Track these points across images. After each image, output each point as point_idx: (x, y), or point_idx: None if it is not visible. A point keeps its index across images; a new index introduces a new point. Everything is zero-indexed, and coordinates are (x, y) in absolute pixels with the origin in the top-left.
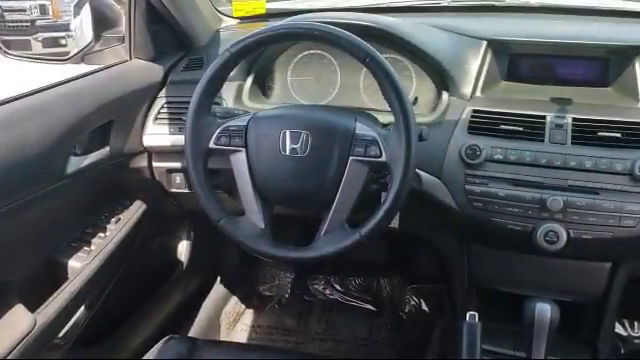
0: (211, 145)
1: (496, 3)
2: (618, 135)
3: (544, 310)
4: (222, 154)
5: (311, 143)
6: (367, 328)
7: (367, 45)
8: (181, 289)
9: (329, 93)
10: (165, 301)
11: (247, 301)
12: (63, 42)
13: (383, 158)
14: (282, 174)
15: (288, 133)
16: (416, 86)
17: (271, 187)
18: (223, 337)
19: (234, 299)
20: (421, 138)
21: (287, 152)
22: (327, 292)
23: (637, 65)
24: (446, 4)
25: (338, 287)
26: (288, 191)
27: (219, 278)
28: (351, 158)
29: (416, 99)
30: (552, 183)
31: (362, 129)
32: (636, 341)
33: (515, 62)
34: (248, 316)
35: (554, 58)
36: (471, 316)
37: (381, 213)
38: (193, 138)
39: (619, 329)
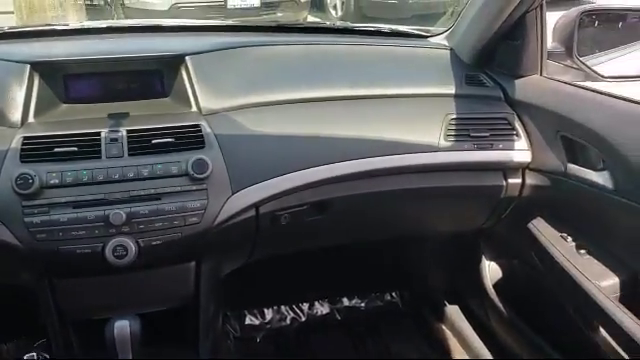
0: None
1: (57, 27)
2: (171, 140)
3: (122, 327)
4: None
5: None
6: None
7: None
8: None
9: None
10: None
11: None
12: None
13: None
14: None
15: None
16: None
17: None
18: None
19: None
20: None
21: None
22: None
23: (183, 73)
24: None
25: None
26: None
27: None
28: None
29: None
30: (114, 197)
31: None
32: (268, 327)
33: (71, 83)
34: None
35: (111, 75)
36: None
37: None
38: None
39: (252, 320)
